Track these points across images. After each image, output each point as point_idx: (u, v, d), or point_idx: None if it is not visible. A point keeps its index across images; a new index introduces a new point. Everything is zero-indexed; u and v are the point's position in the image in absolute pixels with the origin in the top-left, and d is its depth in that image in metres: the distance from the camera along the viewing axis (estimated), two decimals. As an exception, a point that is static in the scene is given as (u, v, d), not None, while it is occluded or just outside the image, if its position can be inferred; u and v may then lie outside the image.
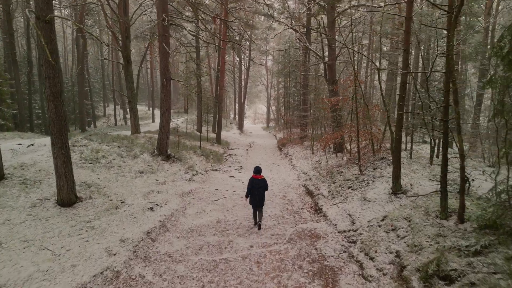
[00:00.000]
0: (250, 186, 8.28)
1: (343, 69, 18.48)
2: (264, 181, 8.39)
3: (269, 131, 48.25)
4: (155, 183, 11.37)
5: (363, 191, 9.19)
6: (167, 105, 13.56)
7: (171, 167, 13.61)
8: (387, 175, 9.74)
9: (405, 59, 7.90)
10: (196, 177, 13.60)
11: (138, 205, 9.23)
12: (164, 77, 13.11)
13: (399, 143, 8.21)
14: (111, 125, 35.81)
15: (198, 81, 27.58)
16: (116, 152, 13.12)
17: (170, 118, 13.90)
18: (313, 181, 12.91)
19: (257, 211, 8.53)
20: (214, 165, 17.08)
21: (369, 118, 11.43)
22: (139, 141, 16.13)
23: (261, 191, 8.28)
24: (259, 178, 8.36)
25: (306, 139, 24.58)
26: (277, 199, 11.64)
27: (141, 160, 13.15)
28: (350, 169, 11.70)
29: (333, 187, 10.73)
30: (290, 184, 13.94)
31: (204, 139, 23.44)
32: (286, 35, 39.37)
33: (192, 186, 12.29)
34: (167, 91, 13.33)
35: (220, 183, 13.64)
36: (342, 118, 15.03)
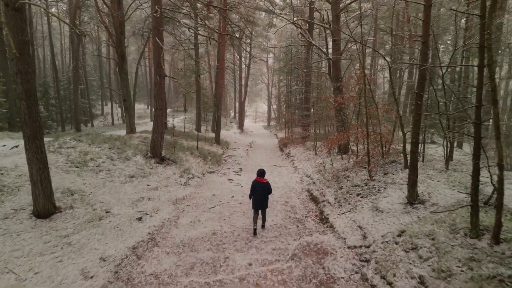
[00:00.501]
0: (253, 189, 8.02)
1: (348, 66, 17.54)
2: (268, 185, 8.06)
3: (270, 130, 47.35)
4: (146, 188, 10.49)
5: (374, 200, 8.30)
6: (161, 104, 12.67)
7: (165, 170, 12.73)
8: (400, 181, 8.83)
9: (423, 53, 6.99)
10: (192, 181, 12.72)
11: (125, 214, 8.35)
12: (157, 74, 12.22)
13: (416, 147, 7.31)
14: (108, 124, 34.95)
15: (197, 78, 26.76)
16: (106, 155, 12.24)
17: (164, 117, 13.01)
18: (317, 186, 12.01)
19: (258, 214, 8.20)
20: (212, 167, 16.20)
21: (378, 118, 10.52)
22: (133, 142, 15.25)
23: (264, 194, 7.98)
24: (262, 181, 8.02)
25: (309, 139, 23.67)
26: (279, 206, 10.77)
27: (133, 163, 12.27)
28: (358, 173, 10.80)
29: (340, 194, 9.83)
30: (293, 188, 13.06)
31: (203, 139, 22.56)
32: (288, 30, 38.46)
33: (187, 192, 11.40)
34: (161, 88, 12.44)
35: (217, 187, 12.76)
36: (347, 117, 14.12)
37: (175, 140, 17.47)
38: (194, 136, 22.96)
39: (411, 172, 7.35)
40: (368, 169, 9.59)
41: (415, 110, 7.17)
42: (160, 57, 11.36)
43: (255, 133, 42.44)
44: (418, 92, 7.07)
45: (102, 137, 15.01)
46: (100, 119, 39.32)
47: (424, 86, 7.11)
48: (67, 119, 35.34)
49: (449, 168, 9.70)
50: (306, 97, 24.60)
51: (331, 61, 16.01)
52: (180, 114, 36.80)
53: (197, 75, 26.74)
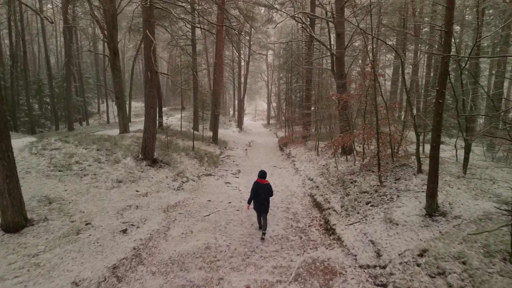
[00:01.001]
0: (254, 190, 7.80)
1: (352, 62, 16.59)
2: (269, 186, 7.86)
3: (269, 129, 46.45)
4: (135, 195, 9.59)
5: (387, 210, 7.41)
6: (152, 102, 11.77)
7: (157, 173, 11.84)
8: (415, 189, 7.95)
9: (447, 43, 6.08)
10: (186, 185, 11.83)
11: (108, 226, 7.46)
12: (147, 70, 11.31)
13: (437, 152, 6.42)
14: (104, 123, 34.01)
15: (194, 76, 25.83)
16: (94, 157, 11.35)
17: (156, 117, 12.12)
18: (321, 190, 11.13)
19: (261, 217, 8.06)
20: (209, 169, 15.31)
21: (387, 117, 9.62)
22: (125, 143, 14.36)
23: (265, 196, 7.76)
24: (263, 183, 7.81)
25: (309, 139, 22.78)
26: (280, 212, 9.90)
27: (122, 166, 11.37)
28: (366, 177, 9.91)
29: (347, 201, 8.95)
30: (294, 193, 12.18)
31: (200, 139, 21.67)
32: (288, 26, 37.48)
33: (180, 197, 10.51)
34: (152, 85, 11.53)
35: (213, 191, 11.88)
36: (352, 116, 13.23)
37: (169, 140, 16.57)
38: (191, 136, 22.03)
39: (431, 180, 6.47)
40: (378, 174, 8.70)
41: (436, 109, 6.28)
42: (151, 51, 10.44)
43: (254, 131, 41.56)
44: (439, 89, 6.17)
45: (91, 137, 14.12)
46: (96, 117, 38.38)
47: (446, 81, 6.20)
48: (62, 118, 34.46)
49: (466, 173, 8.82)
50: (307, 94, 23.68)
51: (334, 56, 15.10)
52: (178, 113, 35.87)
53: (194, 72, 25.84)
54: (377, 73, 9.71)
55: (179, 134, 21.45)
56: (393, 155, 10.29)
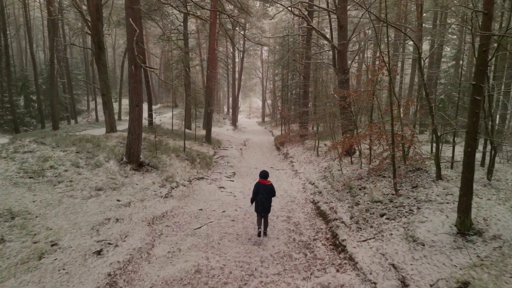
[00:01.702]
0: (256, 191, 7.50)
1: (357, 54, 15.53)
2: (272, 187, 7.57)
3: (264, 127, 45.41)
4: (116, 205, 8.42)
5: (407, 224, 6.35)
6: (137, 100, 10.59)
7: (142, 179, 10.67)
8: (437, 199, 6.89)
9: (485, 26, 5.01)
10: (175, 191, 10.69)
11: (80, 247, 6.29)
12: (131, 63, 10.13)
13: (472, 158, 5.36)
14: (92, 121, 32.66)
15: (186, 71, 24.62)
16: (72, 161, 10.15)
17: (141, 116, 10.95)
18: (324, 197, 10.07)
19: (262, 218, 7.65)
20: (201, 171, 14.18)
21: (399, 116, 8.56)
22: (109, 143, 13.17)
23: (268, 197, 7.48)
24: (266, 183, 7.51)
25: (308, 138, 21.75)
26: (280, 222, 8.83)
27: (104, 171, 10.19)
28: (377, 184, 8.84)
29: (357, 212, 7.88)
30: (295, 198, 11.12)
31: (192, 138, 20.50)
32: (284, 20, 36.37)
33: (168, 206, 9.37)
34: (136, 81, 10.35)
35: (206, 198, 10.76)
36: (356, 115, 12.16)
37: (159, 141, 15.40)
38: (183, 135, 20.87)
39: (463, 192, 5.41)
40: (394, 181, 7.63)
41: (471, 108, 5.21)
42: (134, 41, 9.27)
43: (249, 129, 40.46)
44: (476, 83, 5.11)
45: (72, 138, 12.90)
46: (84, 115, 36.97)
47: (485, 75, 5.13)
48: (49, 116, 33.00)
49: (491, 180, 7.80)
50: (304, 91, 22.59)
51: (336, 50, 14.02)
52: (170, 110, 34.54)
53: (186, 68, 24.61)
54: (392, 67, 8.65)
55: (170, 133, 20.28)
56: (405, 158, 9.24)
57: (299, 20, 29.92)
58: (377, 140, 9.61)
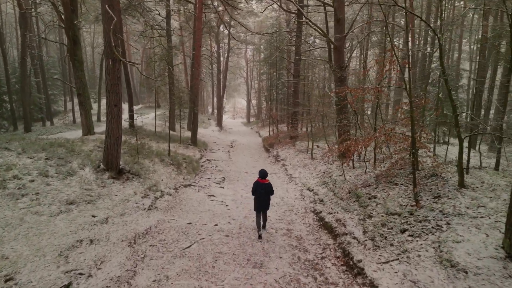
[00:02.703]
0: (255, 189, 7.78)
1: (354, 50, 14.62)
2: (270, 186, 7.85)
3: (250, 127, 44.32)
4: (90, 222, 7.17)
5: (439, 244, 5.39)
6: (116, 98, 9.33)
7: (123, 188, 9.42)
8: (468, 213, 5.97)
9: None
10: (160, 202, 9.49)
11: (42, 282, 5.06)
12: (108, 57, 8.87)
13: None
14: (69, 123, 30.81)
15: (170, 70, 23.28)
16: (40, 169, 8.82)
17: (121, 117, 9.70)
18: (327, 206, 9.08)
19: (261, 216, 7.92)
20: (188, 177, 12.99)
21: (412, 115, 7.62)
22: (85, 148, 11.83)
23: (267, 195, 7.80)
24: (264, 182, 7.77)
25: (299, 139, 20.82)
26: (280, 237, 7.81)
27: (77, 180, 8.90)
28: (389, 192, 7.89)
29: (371, 225, 6.90)
30: (293, 207, 10.10)
31: (177, 140, 19.23)
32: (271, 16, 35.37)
33: (152, 220, 8.18)
34: (115, 77, 9.09)
35: (195, 209, 9.61)
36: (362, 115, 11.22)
37: (140, 144, 14.14)
38: (167, 137, 19.55)
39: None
40: (414, 191, 6.67)
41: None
42: (111, 31, 8.03)
43: (235, 130, 39.30)
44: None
45: (43, 142, 11.51)
46: (60, 116, 34.97)
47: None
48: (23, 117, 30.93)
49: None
50: (294, 90, 21.62)
51: (333, 46, 13.07)
52: (152, 111, 33.06)
53: (169, 66, 23.24)
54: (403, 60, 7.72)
55: (153, 135, 18.97)
56: (417, 162, 8.34)
57: (287, 17, 29.02)
58: (385, 142, 8.68)
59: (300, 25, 19.84)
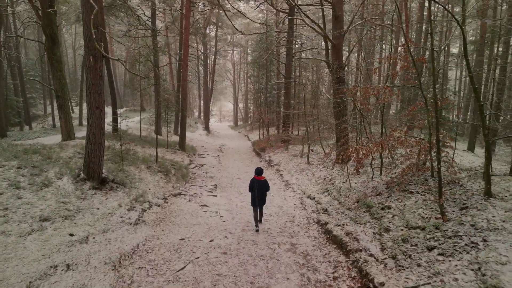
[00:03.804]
0: (252, 186, 8.18)
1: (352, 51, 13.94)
2: (266, 182, 8.30)
3: (238, 131, 43.49)
4: (68, 243, 6.17)
5: (479, 266, 4.64)
6: (98, 100, 8.33)
7: (106, 200, 8.41)
8: (507, 227, 5.22)
9: None
10: (148, 214, 8.54)
11: (4, 324, 4.10)
12: (89, 53, 7.89)
13: None
14: (48, 127, 29.26)
15: (156, 71, 22.24)
16: (10, 179, 7.76)
17: (104, 120, 8.70)
18: (333, 217, 8.29)
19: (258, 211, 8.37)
20: (177, 185, 12.03)
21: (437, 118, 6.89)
22: (64, 154, 10.76)
23: (263, 192, 8.21)
24: (260, 179, 8.18)
25: (291, 143, 20.07)
26: (284, 252, 6.99)
27: (53, 192, 7.86)
28: (405, 202, 7.13)
29: (389, 241, 6.12)
30: (294, 217, 9.30)
31: (164, 145, 18.22)
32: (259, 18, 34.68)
33: (140, 237, 7.23)
34: (96, 76, 8.11)
35: (187, 221, 8.69)
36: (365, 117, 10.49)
37: (125, 150, 13.10)
38: (153, 141, 18.52)
39: None
40: (440, 202, 5.92)
41: None
42: (91, 21, 7.06)
43: (222, 134, 38.39)
44: None
45: (16, 149, 10.39)
46: (40, 120, 33.32)
47: None
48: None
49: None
50: (286, 92, 20.89)
51: (331, 44, 12.37)
52: (137, 114, 31.71)
53: (155, 67, 22.19)
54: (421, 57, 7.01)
55: (138, 140, 17.89)
56: (432, 169, 7.65)
57: (276, 18, 28.38)
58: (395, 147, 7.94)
59: (292, 24, 19.13)
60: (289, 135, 21.03)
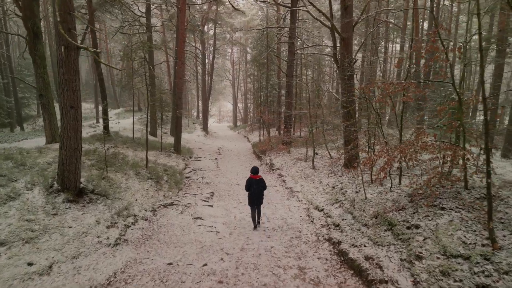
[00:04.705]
0: (249, 185, 8.16)
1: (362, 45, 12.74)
2: (262, 181, 8.28)
3: (237, 131, 42.28)
4: (23, 276, 4.96)
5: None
6: (72, 98, 7.13)
7: (82, 215, 7.20)
8: None
9: None
10: (132, 232, 7.34)
11: None
12: (61, 44, 6.71)
13: None
14: (39, 128, 28.02)
15: (151, 71, 21.06)
16: (-33, 192, 6.57)
17: (80, 122, 7.49)
18: (347, 235, 7.10)
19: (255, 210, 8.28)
20: (170, 194, 10.82)
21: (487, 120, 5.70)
22: (42, 160, 9.58)
23: (260, 191, 8.17)
24: (257, 178, 8.17)
25: (293, 145, 18.90)
26: (291, 280, 5.87)
27: (19, 206, 6.66)
28: (436, 220, 5.94)
29: (423, 271, 4.94)
30: (300, 232, 8.11)
31: (158, 147, 17.03)
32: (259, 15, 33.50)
33: (119, 262, 6.03)
34: (70, 69, 6.90)
35: (177, 240, 7.49)
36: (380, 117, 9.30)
37: (113, 154, 11.93)
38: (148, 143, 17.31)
39: None
40: (489, 227, 4.73)
41: None
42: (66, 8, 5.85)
43: (221, 135, 37.17)
44: None
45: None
46: (31, 121, 32.06)
47: None
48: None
49: None
50: (288, 91, 19.69)
51: (338, 38, 11.18)
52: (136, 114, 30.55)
53: (150, 65, 21.01)
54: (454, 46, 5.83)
55: (130, 141, 16.70)
56: (466, 179, 6.46)
57: (277, 15, 27.22)
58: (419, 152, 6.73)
59: (294, 19, 17.96)
60: (291, 137, 19.84)
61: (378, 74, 20.82)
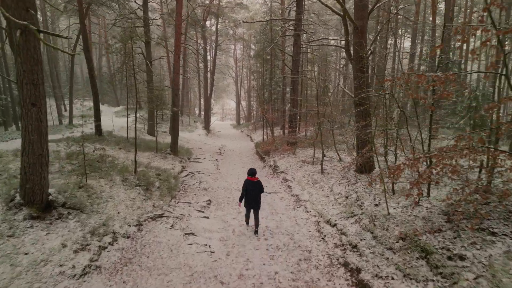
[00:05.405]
0: (245, 188, 7.84)
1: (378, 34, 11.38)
2: (260, 183, 7.90)
3: (240, 130, 40.98)
4: None
5: None
6: (34, 93, 5.87)
7: (45, 236, 5.93)
8: None
9: None
10: (107, 255, 6.08)
11: None
12: (16, 27, 5.45)
13: None
14: (33, 127, 26.92)
15: (148, 66, 19.86)
16: None
17: (45, 122, 6.24)
18: (368, 260, 5.81)
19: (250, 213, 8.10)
20: (160, 203, 9.55)
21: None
22: (14, 166, 8.41)
23: (257, 193, 7.82)
24: (253, 180, 7.81)
25: (299, 145, 17.61)
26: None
27: (-35, 226, 5.44)
28: (488, 250, 4.64)
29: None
30: (309, 253, 6.82)
31: (153, 148, 15.80)
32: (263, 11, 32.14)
33: (84, 300, 4.79)
34: (29, 58, 5.65)
35: (162, 264, 6.22)
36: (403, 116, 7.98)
37: (100, 156, 10.71)
38: (142, 144, 16.13)
39: None
40: None
41: None
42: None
43: (224, 133, 35.91)
44: None
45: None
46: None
47: None
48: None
49: None
50: (293, 88, 18.37)
51: (354, 27, 9.83)
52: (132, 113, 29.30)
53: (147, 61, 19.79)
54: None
55: (124, 142, 15.49)
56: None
57: (282, 7, 25.89)
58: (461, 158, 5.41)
59: (300, 10, 16.62)
60: (297, 137, 18.54)
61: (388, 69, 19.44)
